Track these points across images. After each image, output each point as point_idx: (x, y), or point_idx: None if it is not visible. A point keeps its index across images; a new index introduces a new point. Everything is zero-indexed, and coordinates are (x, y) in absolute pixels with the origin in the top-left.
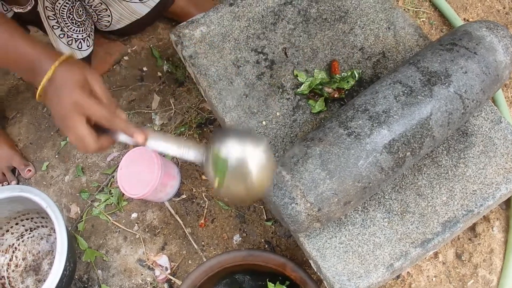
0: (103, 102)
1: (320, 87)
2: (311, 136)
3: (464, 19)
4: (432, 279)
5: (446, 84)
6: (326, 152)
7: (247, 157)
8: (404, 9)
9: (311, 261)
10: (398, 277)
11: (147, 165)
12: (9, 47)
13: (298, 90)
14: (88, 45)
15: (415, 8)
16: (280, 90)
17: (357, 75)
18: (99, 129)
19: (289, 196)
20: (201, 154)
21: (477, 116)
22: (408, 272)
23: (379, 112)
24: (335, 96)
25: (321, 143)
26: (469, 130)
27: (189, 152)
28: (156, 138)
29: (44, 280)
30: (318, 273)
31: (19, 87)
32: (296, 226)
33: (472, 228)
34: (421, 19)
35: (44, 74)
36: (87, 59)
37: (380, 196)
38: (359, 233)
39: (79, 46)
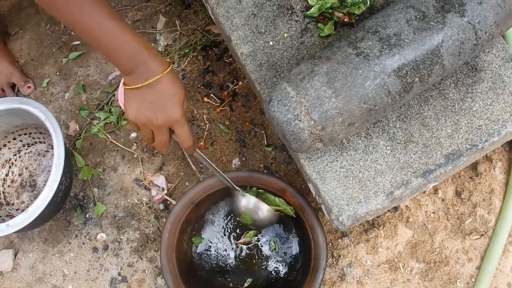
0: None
1: (330, 10)
2: (319, 54)
3: None
4: (430, 215)
5: (460, 12)
6: (334, 70)
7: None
8: None
9: (310, 185)
10: (396, 209)
11: None
12: (118, 36)
13: (307, 12)
14: None
15: None
16: (289, 11)
17: (368, 1)
18: None
19: (293, 113)
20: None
21: (488, 52)
22: (406, 205)
23: (389, 34)
24: (345, 20)
25: (329, 61)
26: (479, 65)
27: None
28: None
29: None
30: (317, 197)
31: (22, 3)
32: (298, 145)
33: (474, 167)
34: None
35: (152, 73)
36: None
37: (384, 124)
38: (360, 159)
39: None
